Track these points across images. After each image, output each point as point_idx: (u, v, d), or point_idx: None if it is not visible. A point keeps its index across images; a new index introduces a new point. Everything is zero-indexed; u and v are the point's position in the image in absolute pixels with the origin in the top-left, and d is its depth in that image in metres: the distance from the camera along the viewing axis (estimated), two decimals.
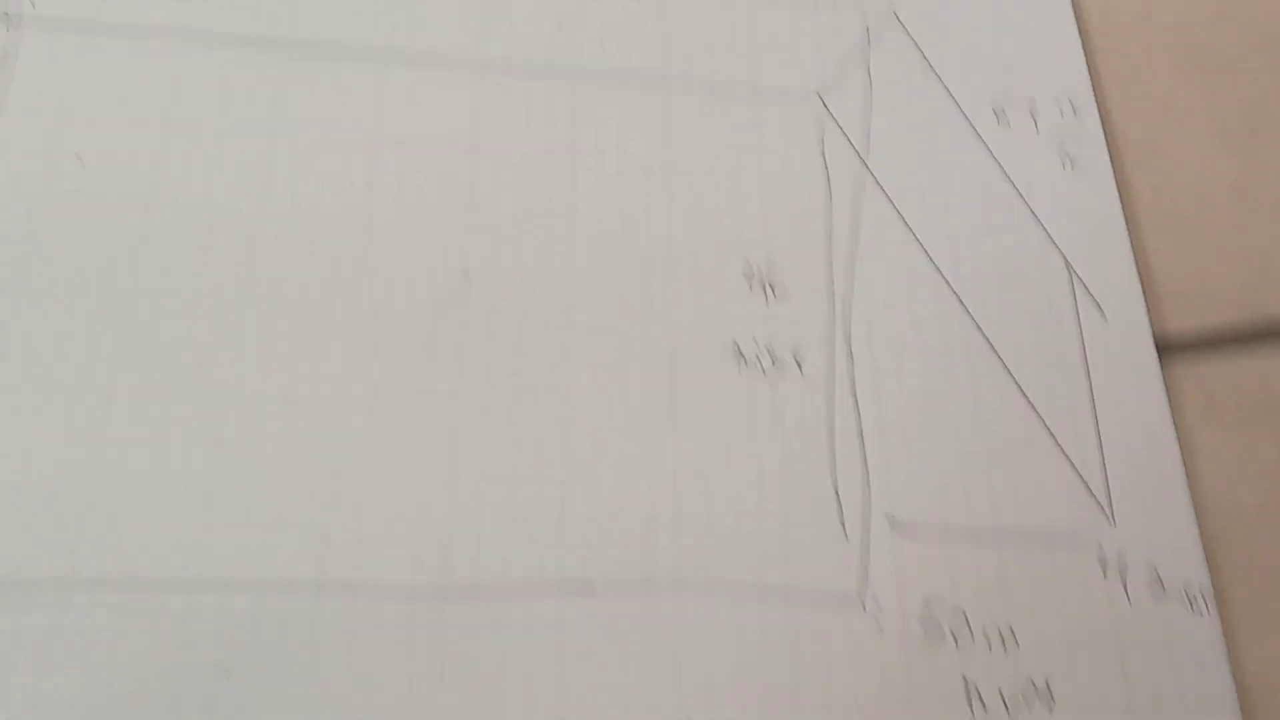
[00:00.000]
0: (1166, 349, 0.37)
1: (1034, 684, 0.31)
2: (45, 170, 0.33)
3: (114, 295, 0.32)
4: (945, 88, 0.40)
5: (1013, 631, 0.32)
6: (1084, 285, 0.37)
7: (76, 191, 0.33)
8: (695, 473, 0.33)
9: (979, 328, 0.36)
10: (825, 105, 0.39)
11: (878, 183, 0.38)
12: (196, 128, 0.35)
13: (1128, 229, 0.39)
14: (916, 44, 0.41)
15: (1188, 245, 0.39)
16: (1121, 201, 0.39)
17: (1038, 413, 0.35)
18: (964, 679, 0.31)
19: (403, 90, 0.36)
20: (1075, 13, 0.42)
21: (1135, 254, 0.38)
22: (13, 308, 0.32)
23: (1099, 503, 0.34)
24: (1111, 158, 0.40)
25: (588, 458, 0.32)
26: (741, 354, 0.34)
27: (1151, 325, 0.37)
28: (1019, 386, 0.35)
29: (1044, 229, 0.38)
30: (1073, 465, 0.34)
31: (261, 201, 0.34)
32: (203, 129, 0.35)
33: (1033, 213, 0.38)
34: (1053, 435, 0.35)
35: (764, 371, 0.34)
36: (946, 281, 0.36)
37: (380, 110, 0.36)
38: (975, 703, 0.31)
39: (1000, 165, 0.39)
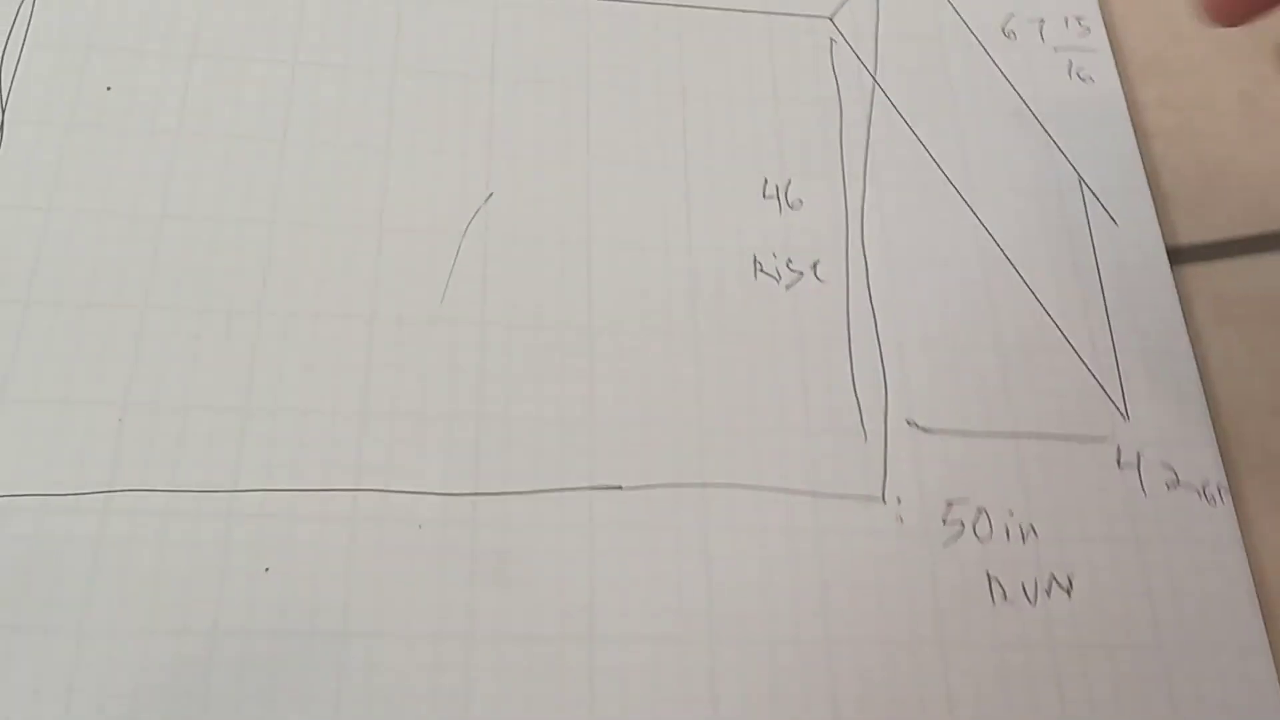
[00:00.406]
0: (1178, 255, 0.38)
1: (1054, 575, 0.32)
2: (75, 100, 0.34)
3: (147, 222, 0.33)
4: (953, 7, 0.40)
5: (1033, 527, 0.33)
6: (1094, 194, 0.38)
7: (104, 121, 0.34)
8: (718, 380, 0.33)
9: (991, 236, 0.36)
10: (836, 25, 0.39)
11: (888, 98, 0.38)
12: (221, 57, 0.35)
13: (1137, 140, 0.39)
14: None
15: (1197, 156, 0.40)
16: (1130, 114, 0.40)
17: (1051, 317, 0.36)
18: (986, 572, 0.32)
19: (421, 19, 0.37)
20: None
21: (1145, 164, 0.39)
22: (46, 228, 0.32)
23: (1114, 402, 0.35)
24: (1119, 72, 0.40)
25: (613, 370, 0.33)
26: (760, 264, 0.35)
27: (1163, 234, 0.38)
28: (1032, 291, 0.36)
29: (1053, 140, 0.38)
30: (1087, 367, 0.35)
31: (285, 127, 0.35)
32: (226, 58, 0.35)
33: (1041, 125, 0.39)
34: (1067, 338, 0.35)
35: (782, 280, 0.35)
36: (958, 191, 0.37)
37: (399, 38, 0.37)
38: (997, 593, 0.32)
39: (1008, 79, 0.39)
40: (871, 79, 0.39)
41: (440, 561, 0.30)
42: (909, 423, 0.34)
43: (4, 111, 0.34)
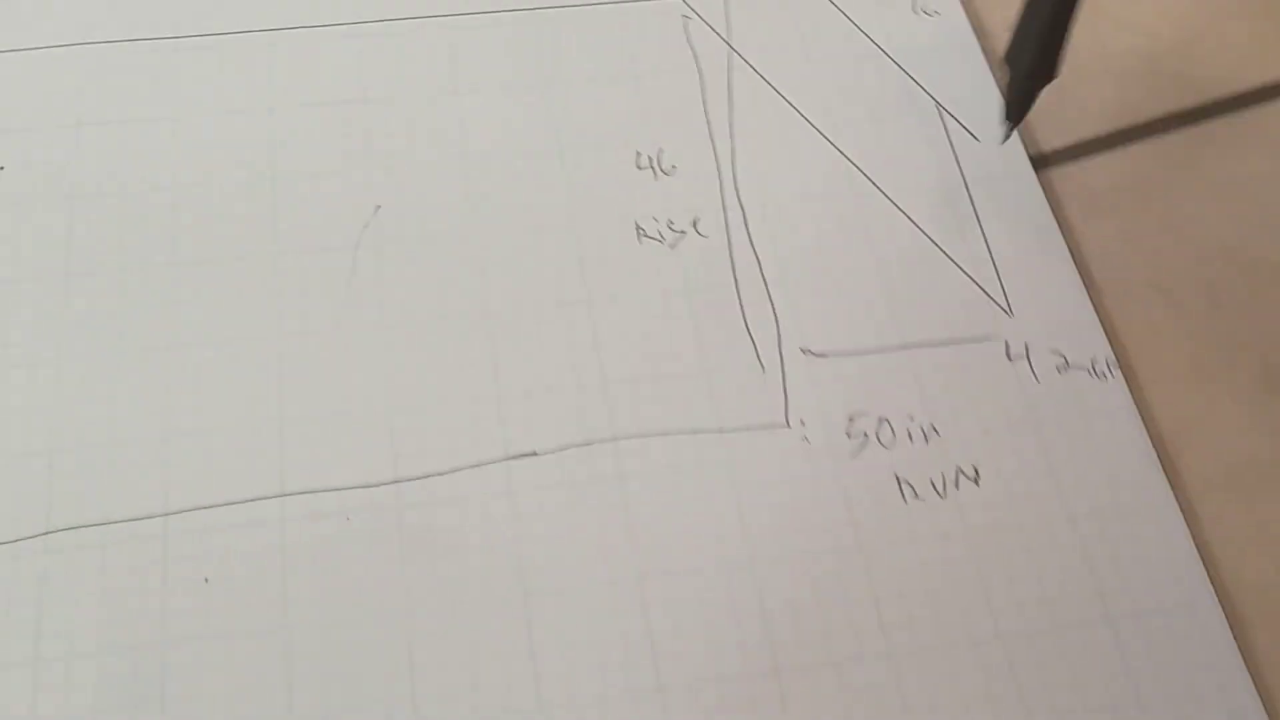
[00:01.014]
0: (1042, 161, 0.39)
1: (960, 469, 0.34)
2: None
3: (53, 277, 0.35)
4: None
5: (934, 427, 0.34)
6: (953, 116, 0.40)
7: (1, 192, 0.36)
8: (615, 340, 0.35)
9: (858, 168, 0.38)
10: (687, 3, 0.41)
11: (743, 59, 0.40)
12: (106, 122, 0.37)
13: (988, 62, 0.41)
14: None
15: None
16: (979, 41, 0.42)
17: (925, 233, 0.37)
18: (895, 475, 0.33)
19: (291, 55, 0.39)
20: None
21: (998, 82, 0.41)
22: None
23: (996, 302, 0.36)
24: (964, 4, 0.42)
25: (513, 345, 0.35)
26: (642, 230, 0.37)
27: (1025, 144, 0.40)
28: (904, 213, 0.37)
29: (907, 73, 0.40)
30: (966, 274, 0.37)
31: (175, 174, 0.37)
32: (108, 123, 0.37)
33: (894, 61, 0.41)
34: (943, 251, 0.37)
35: (665, 240, 0.37)
36: (821, 133, 0.39)
37: (271, 77, 0.39)
38: (907, 492, 0.33)
39: (855, 23, 0.41)
40: (726, 45, 0.41)
41: (372, 548, 0.32)
42: (803, 351, 0.35)
43: None
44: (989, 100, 0.40)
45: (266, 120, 0.38)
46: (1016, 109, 0.36)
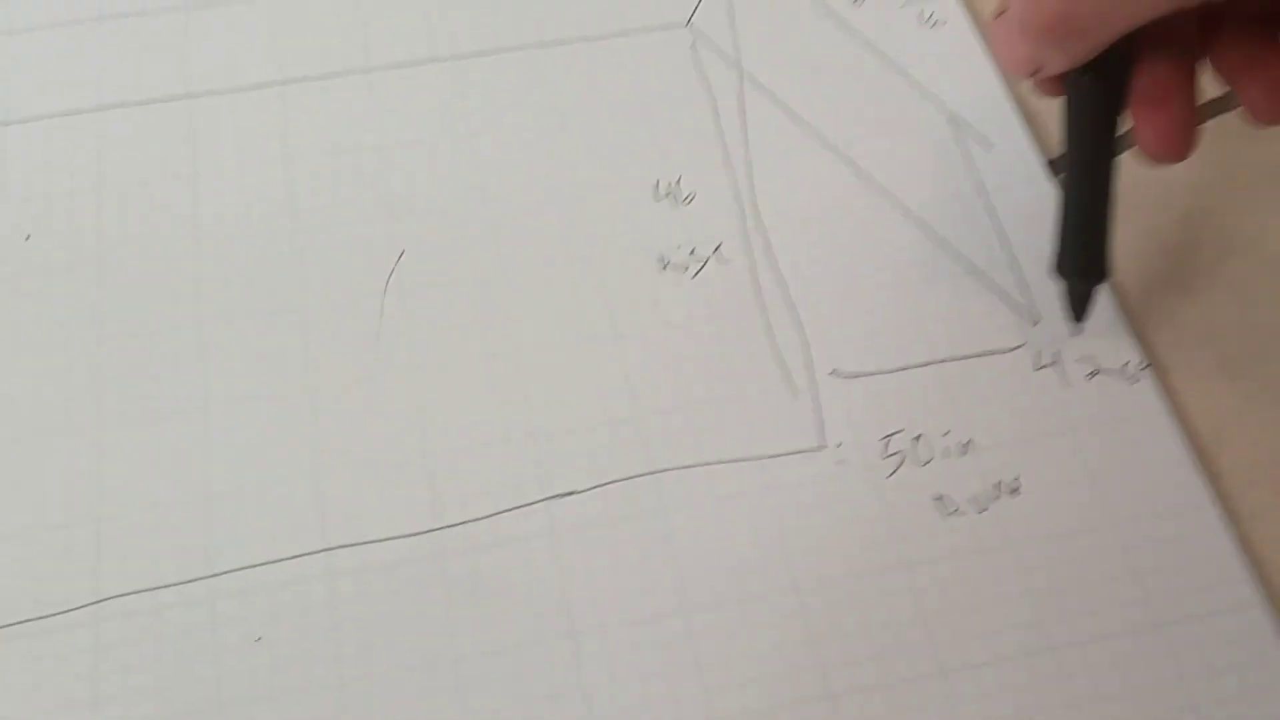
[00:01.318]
0: (1057, 165, 0.39)
1: (999, 481, 0.34)
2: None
3: (81, 341, 0.35)
4: None
5: (970, 442, 0.34)
6: (968, 126, 0.40)
7: (29, 268, 0.36)
8: (646, 372, 0.35)
9: (877, 186, 0.38)
10: (693, 29, 0.41)
11: (754, 81, 0.40)
12: (128, 183, 0.38)
13: (997, 71, 0.41)
14: None
15: None
16: (987, 47, 0.42)
17: (946, 245, 0.37)
18: (934, 492, 0.33)
19: (306, 105, 0.39)
20: None
21: (1009, 88, 0.41)
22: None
23: (1022, 312, 0.36)
24: (967, 10, 0.42)
25: (545, 384, 0.35)
26: (665, 259, 0.37)
27: (1040, 148, 0.40)
28: (926, 226, 0.38)
29: (917, 85, 0.40)
30: (991, 284, 0.37)
31: (195, 232, 0.37)
32: (132, 182, 0.38)
33: (904, 73, 0.41)
34: (967, 263, 0.37)
35: (688, 269, 0.37)
36: (836, 151, 0.39)
37: (285, 131, 0.39)
38: (948, 508, 0.33)
39: (864, 37, 0.41)
40: (736, 68, 0.41)
41: (418, 597, 0.32)
42: (834, 372, 0.35)
43: None
44: (1000, 106, 0.40)
45: (285, 171, 0.38)
46: (1078, 311, 0.35)
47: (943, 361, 0.35)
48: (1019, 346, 0.36)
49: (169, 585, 0.32)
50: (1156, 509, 0.33)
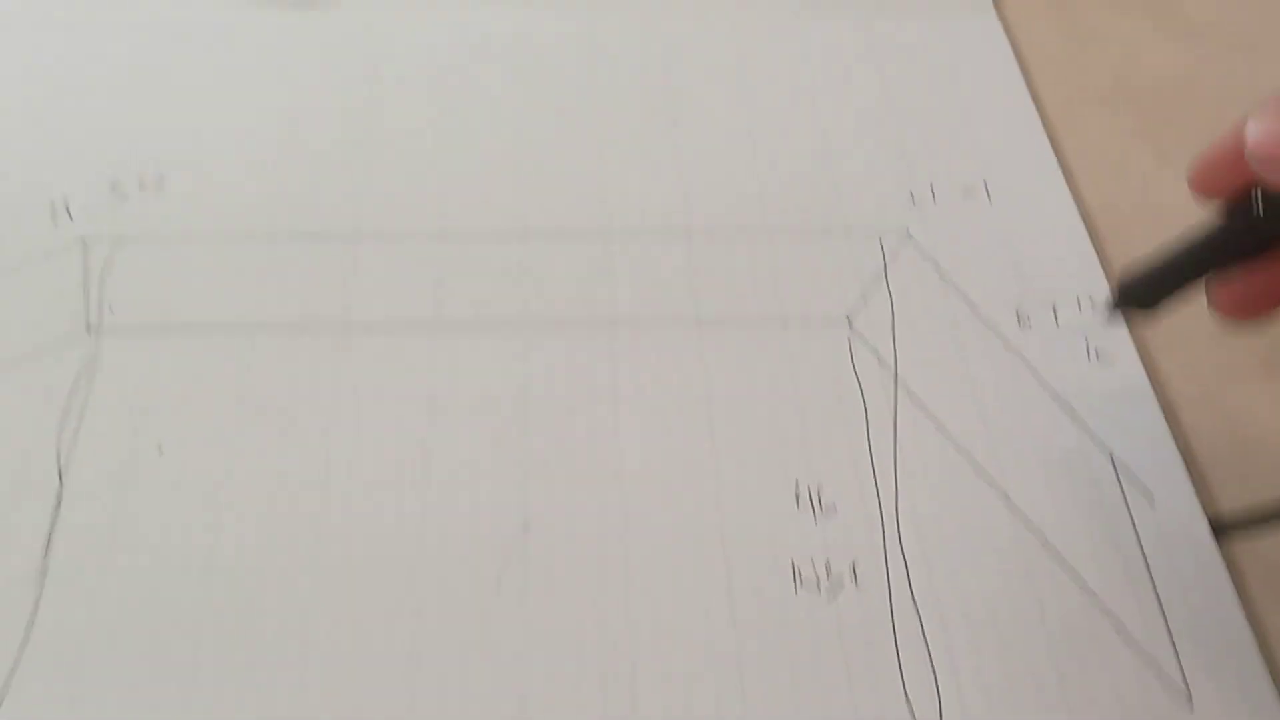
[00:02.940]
0: (1220, 527, 0.37)
1: None
2: (128, 461, 0.36)
3: (193, 573, 0.34)
4: (964, 296, 0.42)
5: None
6: (1129, 473, 0.38)
7: (157, 479, 0.36)
8: (764, 693, 0.33)
9: (1029, 524, 0.36)
10: (851, 325, 0.41)
11: (910, 393, 0.39)
12: (264, 409, 0.37)
13: (1164, 414, 0.39)
14: (933, 259, 0.43)
15: (1227, 424, 0.40)
16: (1154, 387, 0.40)
17: (1101, 604, 0.35)
18: None
19: (454, 354, 0.39)
20: (1082, 214, 0.45)
21: (1175, 436, 0.39)
22: (100, 587, 0.33)
23: (1176, 688, 0.34)
24: (1137, 346, 0.41)
25: (656, 681, 0.33)
26: (798, 572, 0.35)
27: (1202, 506, 0.38)
28: (1078, 579, 0.35)
29: (1080, 421, 0.39)
30: (1143, 653, 0.34)
31: (327, 470, 0.36)
32: (270, 409, 0.37)
33: (1066, 406, 0.39)
34: (1119, 625, 0.35)
35: (822, 589, 0.35)
36: (990, 481, 0.37)
37: (433, 374, 0.38)
38: None
39: (1027, 363, 0.40)
40: (893, 375, 0.40)
41: None
42: None
43: (61, 481, 0.36)
44: (1166, 456, 0.38)
45: (426, 419, 0.38)
46: (1113, 305, 0.35)
47: None
48: None
49: None
50: None
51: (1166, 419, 0.39)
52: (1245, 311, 0.32)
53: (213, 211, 0.42)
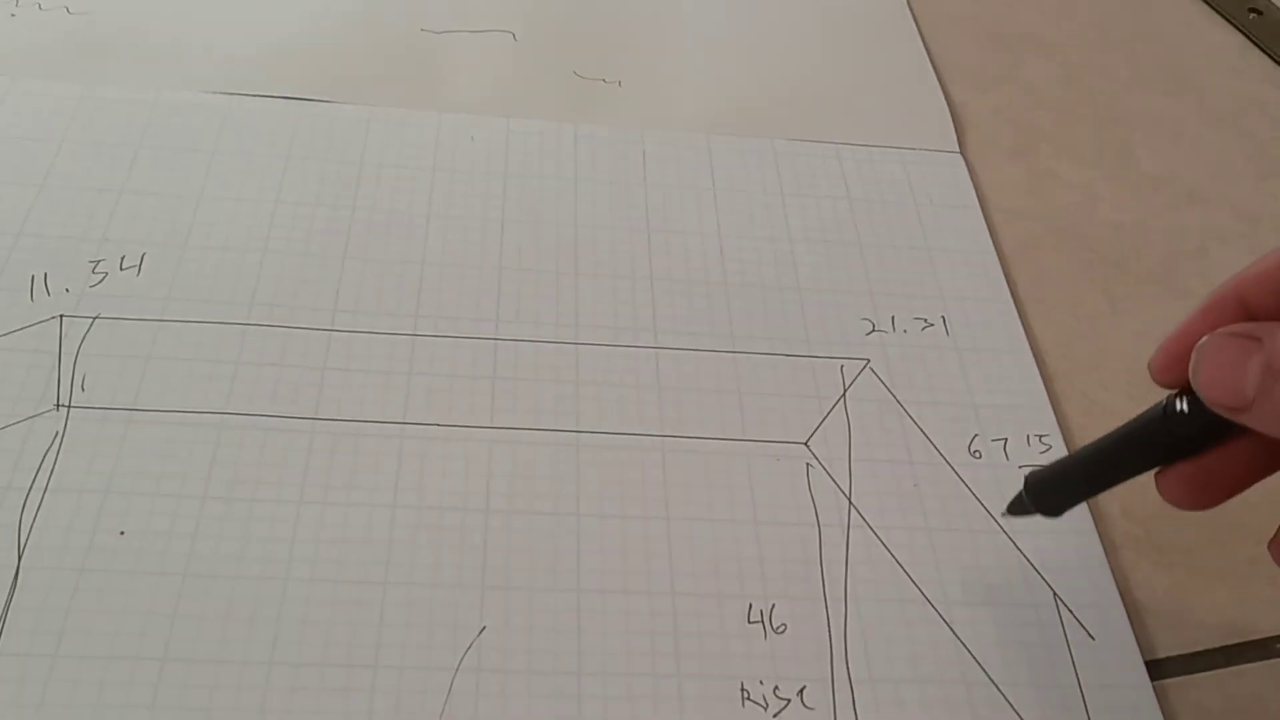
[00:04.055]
0: (1156, 669, 0.38)
1: None
2: (89, 544, 0.36)
3: (149, 660, 0.34)
4: (919, 426, 0.43)
5: None
6: (1070, 609, 0.39)
7: (116, 565, 0.36)
8: None
9: (972, 654, 0.37)
10: (810, 450, 0.42)
11: (864, 519, 0.40)
12: (230, 500, 0.38)
13: (1106, 554, 0.41)
14: (890, 388, 0.44)
15: (1165, 566, 0.41)
16: (1099, 530, 0.42)
17: None
18: None
19: (420, 458, 0.40)
20: (1034, 351, 0.46)
21: (1117, 579, 0.40)
22: (52, 673, 0.33)
23: None
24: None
25: None
26: (747, 693, 0.36)
27: (1140, 648, 0.39)
28: (1017, 713, 0.36)
29: (1025, 557, 0.40)
30: None
31: (288, 565, 0.37)
32: (236, 500, 0.38)
33: (1012, 541, 0.40)
34: None
35: (769, 709, 0.36)
36: (935, 610, 0.38)
37: (399, 476, 0.39)
38: None
39: (976, 496, 0.41)
40: (847, 501, 0.41)
41: None
42: None
43: (20, 557, 0.36)
44: (1107, 596, 0.40)
45: (389, 516, 0.38)
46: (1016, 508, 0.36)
47: None
48: None
49: None
50: None
51: (1108, 558, 0.41)
52: (1195, 502, 0.32)
53: (191, 295, 0.43)
